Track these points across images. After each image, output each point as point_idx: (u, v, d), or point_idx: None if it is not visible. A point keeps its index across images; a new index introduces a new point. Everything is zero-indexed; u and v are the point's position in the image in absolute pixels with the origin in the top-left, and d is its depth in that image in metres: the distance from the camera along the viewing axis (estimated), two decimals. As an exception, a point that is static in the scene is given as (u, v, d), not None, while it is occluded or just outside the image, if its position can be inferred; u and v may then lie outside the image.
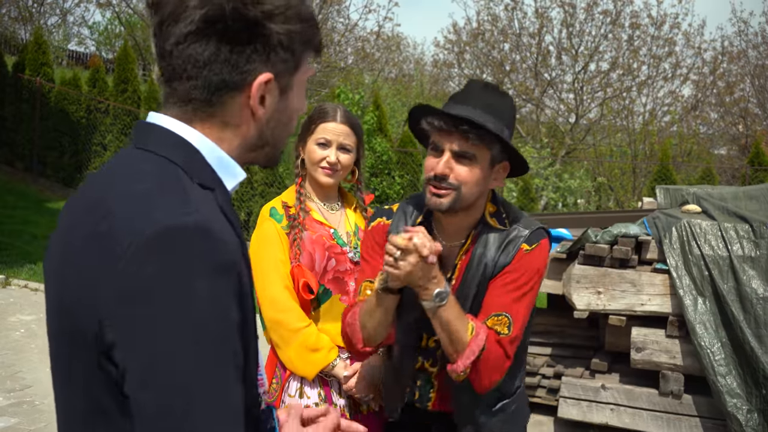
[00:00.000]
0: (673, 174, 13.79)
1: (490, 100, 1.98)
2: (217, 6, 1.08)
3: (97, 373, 1.04)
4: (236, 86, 1.13)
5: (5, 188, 12.87)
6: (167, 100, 1.16)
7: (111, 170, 1.15)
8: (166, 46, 1.12)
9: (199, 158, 1.13)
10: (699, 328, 4.23)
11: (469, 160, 1.96)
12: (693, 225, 4.41)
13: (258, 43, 1.12)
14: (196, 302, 0.99)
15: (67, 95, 13.91)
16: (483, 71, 21.69)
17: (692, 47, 19.98)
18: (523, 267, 2.04)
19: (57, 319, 1.12)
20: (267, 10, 1.11)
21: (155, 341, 0.98)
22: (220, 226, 1.06)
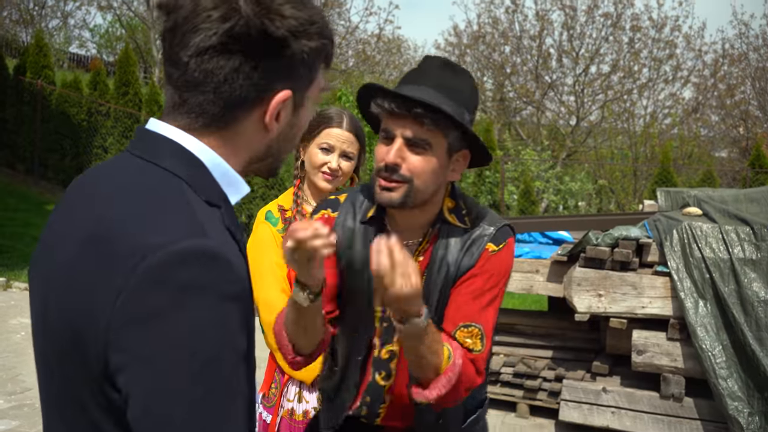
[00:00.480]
0: (674, 176, 13.79)
1: (448, 80, 1.74)
2: (243, 23, 1.04)
3: (97, 398, 1.00)
4: (253, 103, 1.09)
5: (6, 191, 12.88)
6: (175, 108, 1.10)
7: (107, 182, 1.09)
8: (181, 55, 1.06)
9: (205, 173, 1.09)
10: (700, 330, 4.23)
11: (424, 149, 1.71)
12: (694, 227, 4.41)
13: (281, 60, 1.08)
14: (206, 331, 0.96)
15: (68, 98, 13.92)
16: (484, 74, 21.71)
17: (693, 50, 20.03)
18: (491, 270, 1.81)
19: (52, 341, 1.06)
20: (293, 27, 1.08)
21: (161, 368, 0.94)
22: (230, 249, 1.01)
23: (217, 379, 0.96)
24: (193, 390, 0.95)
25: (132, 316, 0.95)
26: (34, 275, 1.15)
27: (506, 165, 15.81)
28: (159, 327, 0.94)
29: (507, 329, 5.48)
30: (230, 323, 0.98)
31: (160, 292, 0.95)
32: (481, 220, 1.85)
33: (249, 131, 1.12)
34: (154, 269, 0.95)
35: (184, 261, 0.96)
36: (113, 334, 0.96)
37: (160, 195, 1.03)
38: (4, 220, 10.88)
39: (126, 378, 0.96)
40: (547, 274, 5.00)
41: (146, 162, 1.08)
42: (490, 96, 21.84)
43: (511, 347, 5.44)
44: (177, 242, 0.96)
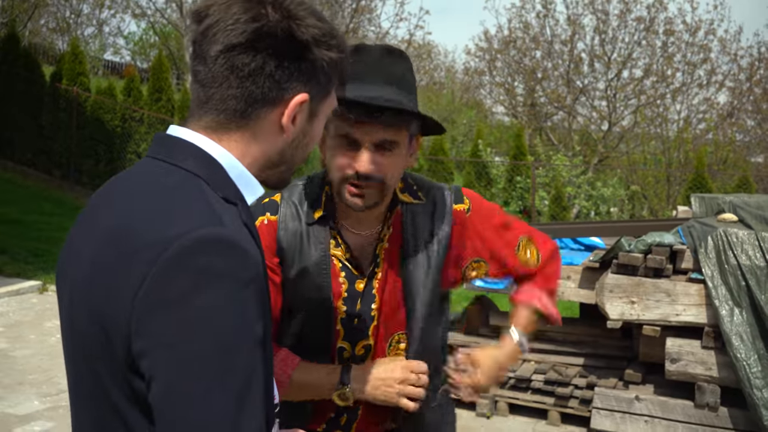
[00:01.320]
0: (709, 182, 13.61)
1: (394, 69, 1.67)
2: (271, 24, 1.12)
3: (124, 389, 1.05)
4: (274, 102, 1.16)
5: (43, 196, 13.12)
6: (199, 107, 1.17)
7: (131, 184, 1.15)
8: (210, 51, 1.13)
9: (223, 173, 1.14)
10: (735, 339, 4.16)
11: (391, 150, 1.66)
12: (729, 234, 4.34)
13: (303, 63, 1.15)
14: (226, 315, 1.00)
15: (102, 104, 14.14)
16: (514, 78, 21.63)
17: (728, 54, 19.73)
18: (485, 218, 1.88)
19: (81, 341, 1.11)
20: (316, 35, 1.16)
21: (182, 351, 0.98)
22: (245, 239, 1.06)
23: (237, 362, 1.00)
24: (213, 374, 0.99)
25: (154, 302, 1.00)
26: (60, 278, 1.20)
27: (537, 170, 15.72)
28: (180, 311, 0.99)
29: (538, 336, 5.43)
30: (248, 308, 1.03)
31: (180, 277, 1.00)
32: (430, 190, 1.85)
33: (266, 132, 1.18)
34: (175, 257, 1.00)
35: (203, 247, 1.01)
36: (136, 322, 1.00)
37: (180, 192, 1.09)
38: (40, 224, 11.08)
39: (148, 363, 1.00)
40: (578, 280, 4.96)
41: (168, 164, 1.14)
42: (521, 101, 21.74)
43: (542, 354, 5.40)
44: (195, 230, 1.02)
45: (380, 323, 1.79)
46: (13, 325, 7.07)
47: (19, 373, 5.71)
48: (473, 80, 24.16)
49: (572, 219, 14.91)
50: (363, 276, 1.77)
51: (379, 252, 1.79)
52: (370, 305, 1.78)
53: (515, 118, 22.14)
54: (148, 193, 1.11)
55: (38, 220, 11.25)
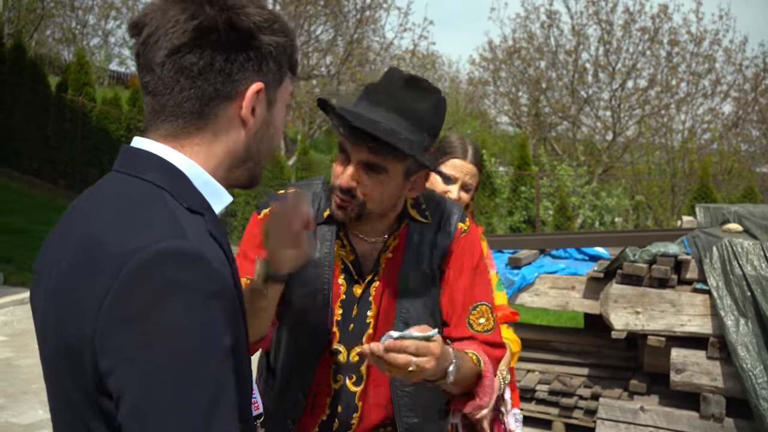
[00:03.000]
0: (714, 192, 13.58)
1: (410, 102, 1.66)
2: (210, 17, 1.10)
3: (93, 407, 1.02)
4: (229, 96, 1.14)
5: (48, 205, 13.16)
6: (155, 117, 1.14)
7: (96, 198, 1.14)
8: (155, 59, 1.11)
9: (187, 183, 1.12)
10: (741, 349, 4.14)
11: (379, 173, 1.66)
12: (734, 244, 4.33)
13: (251, 52, 1.13)
14: (189, 329, 0.98)
15: (108, 114, 14.20)
16: (519, 89, 21.64)
17: (733, 64, 19.71)
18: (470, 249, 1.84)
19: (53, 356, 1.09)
20: (257, 22, 1.13)
21: (147, 368, 0.96)
22: (210, 250, 1.04)
23: (203, 377, 0.98)
24: (180, 388, 0.96)
25: (116, 318, 0.97)
26: (35, 290, 1.18)
27: (542, 180, 15.70)
28: (142, 327, 0.96)
29: (542, 346, 5.42)
30: (214, 320, 1.00)
31: (141, 292, 0.97)
32: (439, 205, 1.86)
33: (227, 128, 1.15)
34: (136, 270, 0.98)
35: (164, 261, 0.98)
36: (99, 338, 0.98)
37: (142, 204, 1.07)
38: (46, 234, 11.04)
39: (115, 381, 0.98)
40: (583, 290, 4.95)
41: (131, 176, 1.12)
42: (525, 111, 21.75)
43: (546, 364, 5.39)
44: (156, 243, 0.99)
45: (376, 331, 1.79)
46: (18, 334, 7.07)
47: (23, 382, 5.70)
48: (477, 90, 24.17)
49: (577, 229, 14.89)
50: (362, 281, 1.79)
51: (381, 260, 1.80)
52: (366, 312, 1.79)
53: (519, 128, 22.15)
54: (113, 205, 1.09)
55: (44, 230, 11.25)
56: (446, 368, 1.59)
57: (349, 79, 19.04)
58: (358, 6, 19.19)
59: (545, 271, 5.10)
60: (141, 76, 1.15)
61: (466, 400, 1.75)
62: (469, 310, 1.82)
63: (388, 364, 1.48)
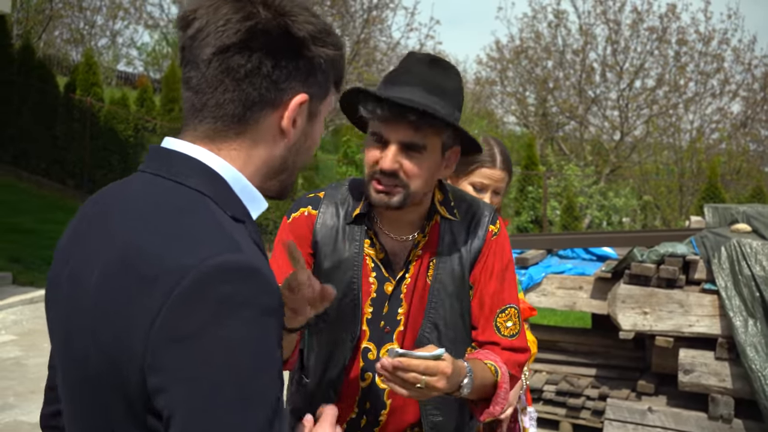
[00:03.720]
0: (722, 192, 13.53)
1: (436, 79, 1.70)
2: (265, 21, 1.07)
3: (137, 426, 0.99)
4: (272, 103, 1.10)
5: (57, 205, 13.21)
6: (194, 115, 1.11)
7: (130, 202, 1.08)
8: (202, 55, 1.07)
9: (228, 189, 1.08)
10: (750, 350, 4.12)
11: (419, 152, 1.68)
12: (743, 244, 4.31)
13: (300, 62, 1.10)
14: (247, 347, 0.95)
15: (116, 114, 14.24)
16: (526, 88, 21.61)
17: (742, 63, 19.63)
18: (499, 252, 1.85)
19: (82, 371, 1.04)
20: (312, 32, 1.10)
21: (202, 387, 0.92)
22: (263, 263, 1.01)
23: (260, 395, 0.95)
24: (237, 406, 0.93)
25: (171, 336, 0.93)
26: (53, 295, 1.13)
27: (549, 180, 15.68)
28: (200, 345, 0.93)
29: (550, 346, 5.41)
30: (270, 338, 0.97)
31: (199, 309, 0.93)
32: (471, 206, 1.87)
33: (266, 137, 1.12)
34: (192, 286, 0.94)
35: (222, 276, 0.95)
36: (151, 356, 0.94)
37: (190, 214, 1.02)
38: (54, 233, 11.15)
39: (166, 399, 0.94)
40: (590, 290, 4.93)
41: (169, 181, 1.07)
42: (533, 111, 21.72)
43: (553, 365, 5.37)
44: (213, 258, 0.95)
45: (407, 329, 1.80)
46: (27, 333, 7.10)
47: (32, 381, 5.73)
48: (484, 90, 24.14)
49: (584, 229, 14.86)
50: (393, 279, 1.79)
51: (412, 258, 1.80)
52: (397, 309, 1.79)
53: (527, 128, 22.11)
54: (157, 213, 1.03)
55: (52, 230, 11.31)
56: (460, 383, 1.61)
57: (356, 79, 19.03)
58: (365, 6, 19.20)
59: (552, 272, 5.09)
60: (185, 70, 1.12)
61: (483, 406, 1.77)
62: (497, 313, 1.83)
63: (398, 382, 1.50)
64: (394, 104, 1.63)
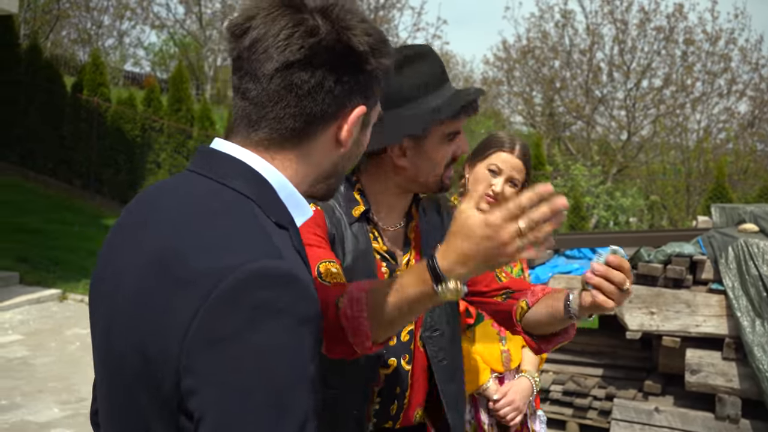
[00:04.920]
0: (729, 192, 13.48)
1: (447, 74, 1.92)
2: (328, 37, 1.06)
3: (167, 419, 0.98)
4: (333, 117, 1.10)
5: (64, 205, 13.25)
6: (249, 126, 1.09)
7: (179, 203, 1.07)
8: (263, 69, 1.06)
9: (273, 195, 1.08)
10: (757, 350, 4.11)
11: None
12: (750, 244, 4.30)
13: (361, 75, 1.10)
14: (281, 355, 0.94)
15: (123, 114, 14.27)
16: (533, 88, 21.57)
17: (749, 63, 19.56)
18: None
19: (120, 370, 1.04)
20: (372, 44, 1.10)
21: (235, 392, 0.92)
22: (303, 272, 1.00)
23: (291, 405, 0.94)
24: (266, 415, 0.92)
25: (206, 339, 0.93)
26: (96, 298, 1.13)
27: (556, 180, 15.66)
28: (234, 349, 0.92)
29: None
30: (305, 347, 0.96)
31: (234, 314, 0.93)
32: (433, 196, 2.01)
33: (322, 147, 1.12)
34: (230, 291, 0.93)
35: (261, 282, 0.94)
36: (186, 357, 0.94)
37: (232, 216, 1.02)
38: (61, 233, 11.18)
39: (198, 402, 0.94)
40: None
41: (214, 182, 1.07)
42: (540, 111, 21.68)
43: (560, 365, 5.37)
44: (253, 263, 0.95)
45: None
46: (33, 333, 7.13)
47: (39, 380, 5.75)
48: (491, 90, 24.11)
49: (591, 229, 14.83)
50: (399, 265, 1.87)
51: (408, 241, 1.91)
52: None
53: (533, 127, 22.07)
54: (198, 214, 1.02)
55: (59, 230, 11.35)
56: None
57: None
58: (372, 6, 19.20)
59: (559, 271, 5.08)
60: (241, 81, 1.10)
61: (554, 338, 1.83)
62: None
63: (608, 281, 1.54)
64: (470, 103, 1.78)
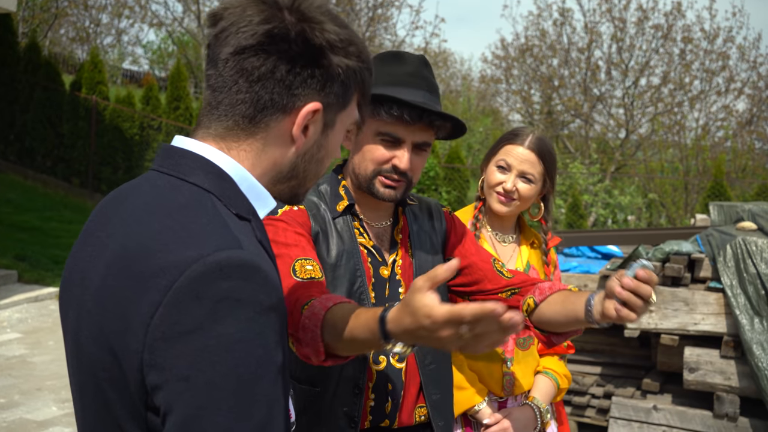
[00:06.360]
0: (727, 190, 13.50)
1: (430, 79, 1.80)
2: (283, 25, 1.07)
3: (138, 422, 0.99)
4: (284, 109, 1.10)
5: (62, 203, 13.24)
6: (209, 112, 1.11)
7: (135, 199, 1.08)
8: (221, 54, 1.08)
9: (233, 187, 1.08)
10: (756, 348, 4.11)
11: (425, 150, 1.81)
12: (748, 243, 4.30)
13: (317, 70, 1.09)
14: (245, 345, 0.94)
15: (121, 113, 14.27)
16: (531, 86, 21.58)
17: (747, 61, 19.59)
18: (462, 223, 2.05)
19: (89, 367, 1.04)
20: (331, 40, 1.09)
21: (199, 385, 0.92)
22: (264, 261, 1.00)
23: (257, 395, 0.94)
24: (232, 406, 0.92)
25: (168, 333, 0.93)
26: (65, 296, 1.13)
27: (554, 178, 15.66)
28: (197, 341, 0.92)
29: (555, 344, 5.40)
30: (269, 336, 0.97)
31: (196, 306, 0.93)
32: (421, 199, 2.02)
33: (276, 142, 1.12)
34: (190, 283, 0.94)
35: (221, 273, 0.94)
36: (149, 352, 0.94)
37: (192, 210, 1.02)
38: (59, 231, 11.18)
39: (163, 396, 0.94)
40: (595, 288, 4.93)
41: (175, 178, 1.07)
42: (538, 109, 21.69)
43: (558, 363, 5.37)
44: (212, 254, 0.95)
45: None
46: (32, 331, 7.13)
47: (37, 379, 5.75)
48: (489, 88, 24.13)
49: (589, 227, 14.84)
50: (386, 263, 1.87)
51: (396, 240, 1.91)
52: (398, 289, 1.87)
53: (532, 125, 22.07)
54: (159, 211, 1.03)
55: (58, 228, 11.35)
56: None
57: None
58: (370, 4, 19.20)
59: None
60: (206, 68, 1.13)
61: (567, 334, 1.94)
62: (492, 262, 1.95)
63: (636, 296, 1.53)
64: (415, 108, 1.72)
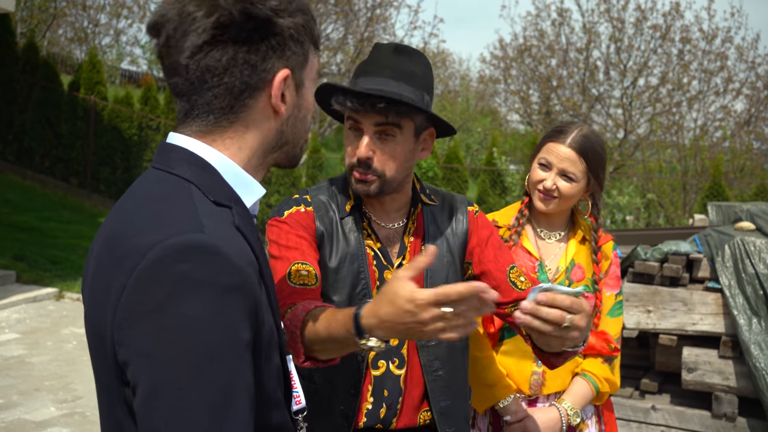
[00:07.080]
0: (726, 190, 13.51)
1: (403, 66, 1.75)
2: (226, 11, 1.09)
3: (118, 392, 1.05)
4: (257, 87, 1.13)
5: (61, 203, 13.23)
6: (186, 115, 1.15)
7: (132, 194, 1.15)
8: (180, 60, 1.10)
9: (215, 175, 1.12)
10: (754, 348, 4.12)
11: (393, 136, 1.74)
12: (747, 243, 4.31)
13: (272, 39, 1.12)
14: (204, 324, 0.97)
15: (120, 113, 14.26)
16: (529, 87, 21.58)
17: (745, 61, 19.59)
18: (489, 224, 1.97)
19: (91, 347, 1.13)
20: (273, 6, 1.12)
21: (160, 362, 0.96)
22: (230, 244, 1.03)
23: (217, 372, 0.97)
24: (193, 383, 0.96)
25: (132, 312, 0.99)
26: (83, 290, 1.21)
27: (552, 179, 15.66)
28: (157, 321, 0.97)
29: (553, 345, 5.40)
30: (231, 315, 0.99)
31: (155, 287, 0.98)
32: (446, 196, 1.97)
33: (259, 117, 1.15)
34: (151, 265, 0.99)
35: (180, 255, 0.98)
36: (117, 332, 1.00)
37: (166, 198, 1.07)
38: (58, 231, 11.17)
39: (131, 372, 0.99)
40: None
41: (163, 172, 1.13)
42: (536, 109, 21.69)
43: (557, 363, 5.37)
44: (171, 237, 1.00)
45: None
46: (30, 331, 7.12)
47: (35, 379, 5.75)
48: (488, 88, 24.12)
49: (588, 227, 14.83)
50: (392, 266, 1.85)
51: (406, 243, 1.87)
52: None
53: (530, 126, 22.09)
54: (144, 202, 1.09)
55: (56, 228, 11.34)
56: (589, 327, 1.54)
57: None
58: (369, 4, 19.20)
59: (556, 270, 5.09)
60: (167, 78, 1.14)
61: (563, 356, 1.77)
62: (507, 271, 1.90)
63: (541, 321, 1.43)
64: (363, 95, 1.69)
